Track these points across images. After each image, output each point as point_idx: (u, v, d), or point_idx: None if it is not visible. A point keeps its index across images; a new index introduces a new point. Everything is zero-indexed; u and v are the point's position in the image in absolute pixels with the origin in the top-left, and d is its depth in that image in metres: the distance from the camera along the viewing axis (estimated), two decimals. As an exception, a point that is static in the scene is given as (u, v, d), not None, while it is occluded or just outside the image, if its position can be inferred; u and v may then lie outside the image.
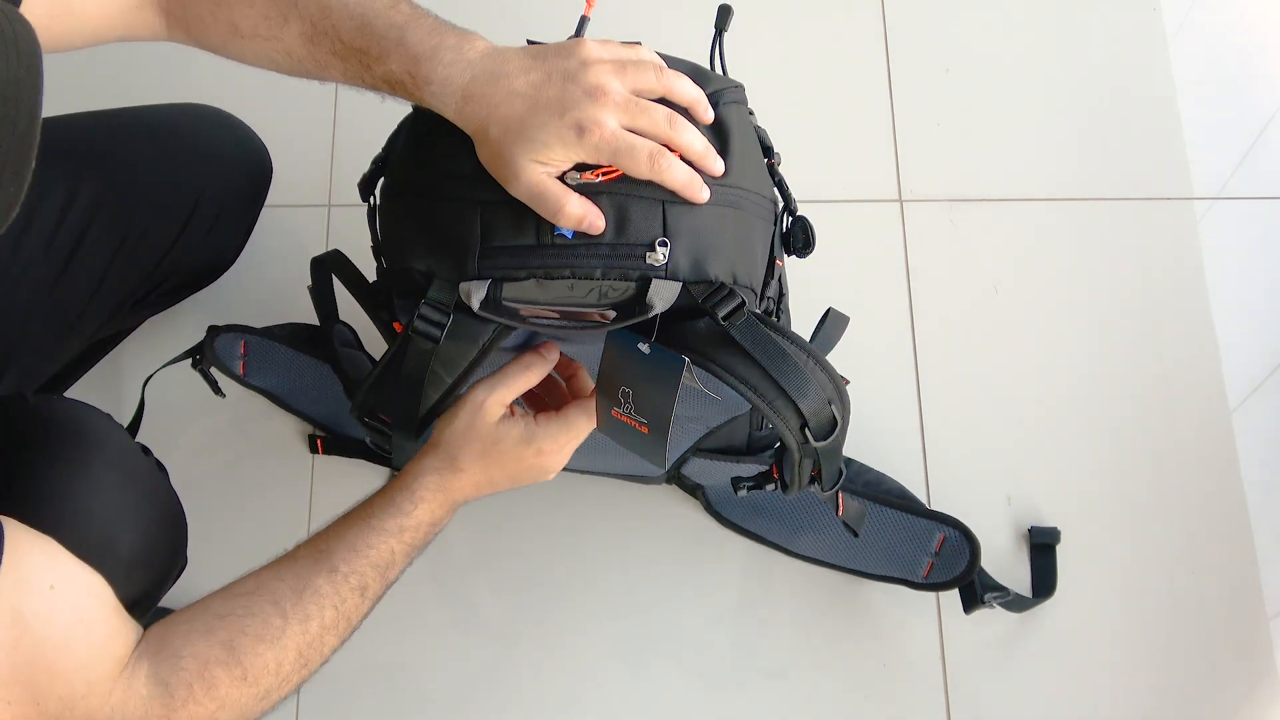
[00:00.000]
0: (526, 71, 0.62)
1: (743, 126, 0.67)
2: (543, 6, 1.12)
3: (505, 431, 0.69)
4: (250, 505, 1.04)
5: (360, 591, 0.66)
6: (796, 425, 0.65)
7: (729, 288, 0.63)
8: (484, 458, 0.70)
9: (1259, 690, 0.95)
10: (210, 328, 0.96)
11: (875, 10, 1.20)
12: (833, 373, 0.66)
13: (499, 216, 0.63)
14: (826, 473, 0.71)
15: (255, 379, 1.00)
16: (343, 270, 0.78)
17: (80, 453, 0.66)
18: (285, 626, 0.63)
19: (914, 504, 0.94)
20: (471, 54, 0.63)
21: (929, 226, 1.12)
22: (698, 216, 0.63)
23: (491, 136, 0.61)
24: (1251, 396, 1.03)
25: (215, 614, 0.63)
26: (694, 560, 1.00)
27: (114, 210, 0.85)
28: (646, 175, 0.61)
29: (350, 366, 0.87)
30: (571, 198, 0.61)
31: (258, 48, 0.67)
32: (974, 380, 1.06)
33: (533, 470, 0.72)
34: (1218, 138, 1.14)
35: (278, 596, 0.64)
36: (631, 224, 0.62)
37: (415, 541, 0.69)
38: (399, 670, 0.98)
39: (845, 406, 0.66)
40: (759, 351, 0.63)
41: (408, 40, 0.62)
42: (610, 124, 0.60)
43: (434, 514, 0.70)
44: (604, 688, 0.97)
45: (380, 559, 0.67)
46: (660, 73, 0.63)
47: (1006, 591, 0.91)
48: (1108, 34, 1.19)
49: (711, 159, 0.63)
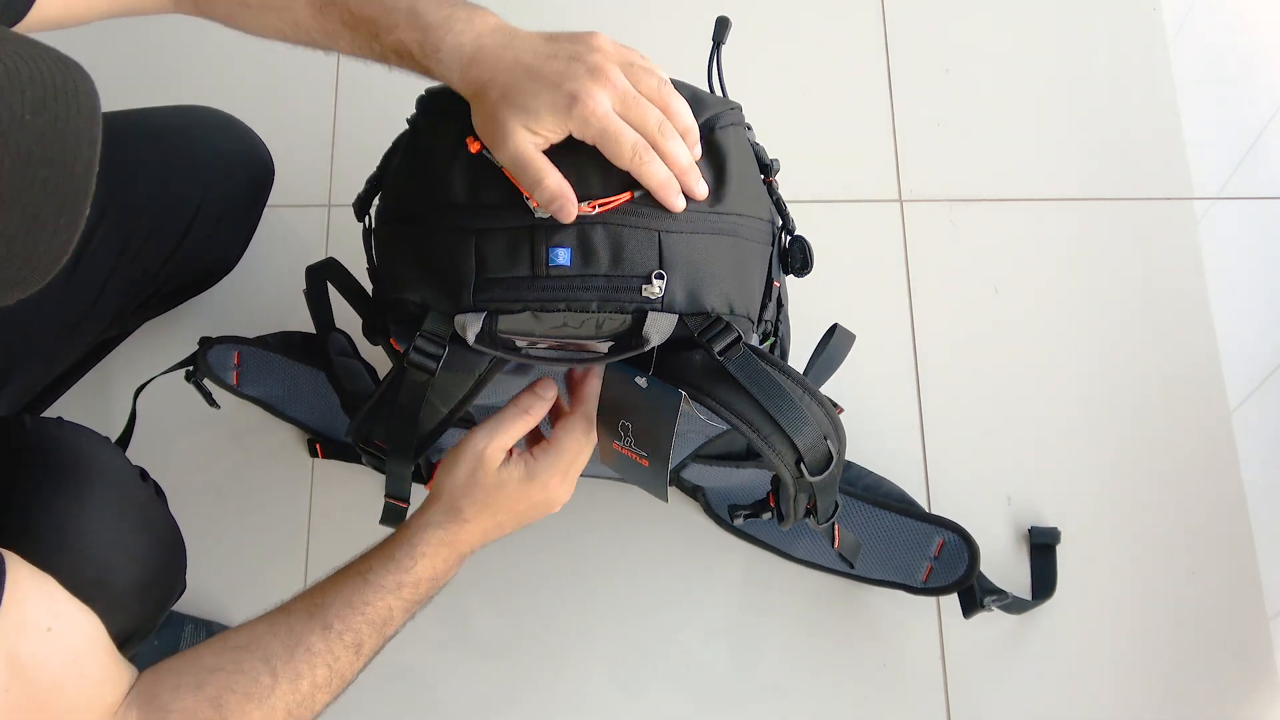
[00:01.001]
0: (535, 46, 0.62)
1: (740, 149, 0.67)
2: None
3: (506, 476, 0.68)
4: (250, 512, 1.04)
5: (355, 649, 0.65)
6: (792, 460, 0.64)
7: (725, 321, 0.63)
8: (488, 506, 0.69)
9: (1259, 690, 0.96)
10: (202, 339, 0.95)
11: (875, 10, 1.20)
12: (828, 407, 0.66)
13: (494, 247, 0.63)
14: (822, 506, 0.71)
15: (249, 389, 0.99)
16: (338, 278, 0.78)
17: (78, 484, 0.66)
18: (275, 685, 0.61)
19: (913, 508, 0.94)
20: (482, 26, 0.63)
21: (929, 226, 1.12)
22: (694, 247, 0.63)
23: (488, 98, 0.61)
24: (1251, 397, 1.03)
25: (206, 668, 0.62)
26: (694, 563, 1.00)
27: (117, 217, 0.85)
28: (626, 165, 0.61)
29: (346, 376, 0.86)
30: (552, 173, 0.60)
31: (265, 18, 0.67)
32: (974, 380, 1.06)
33: (538, 507, 0.71)
34: (1218, 138, 1.13)
35: (269, 653, 0.62)
36: (627, 255, 0.62)
37: (415, 597, 0.68)
38: (391, 685, 0.97)
39: (841, 441, 0.66)
40: (754, 387, 0.63)
41: (419, 9, 0.63)
42: (604, 102, 0.60)
43: (435, 569, 0.68)
44: (605, 693, 0.97)
45: (377, 616, 0.66)
46: (663, 86, 0.63)
47: (1005, 595, 0.91)
48: (1108, 34, 1.19)
49: (694, 178, 0.63)
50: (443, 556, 0.68)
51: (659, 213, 0.63)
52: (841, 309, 1.07)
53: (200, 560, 0.81)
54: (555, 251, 0.62)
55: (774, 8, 1.20)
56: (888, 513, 0.94)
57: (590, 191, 0.62)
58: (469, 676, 0.98)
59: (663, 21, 1.20)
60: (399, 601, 0.66)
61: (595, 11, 1.20)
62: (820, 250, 0.71)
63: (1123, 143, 1.14)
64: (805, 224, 1.09)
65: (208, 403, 0.98)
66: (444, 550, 0.68)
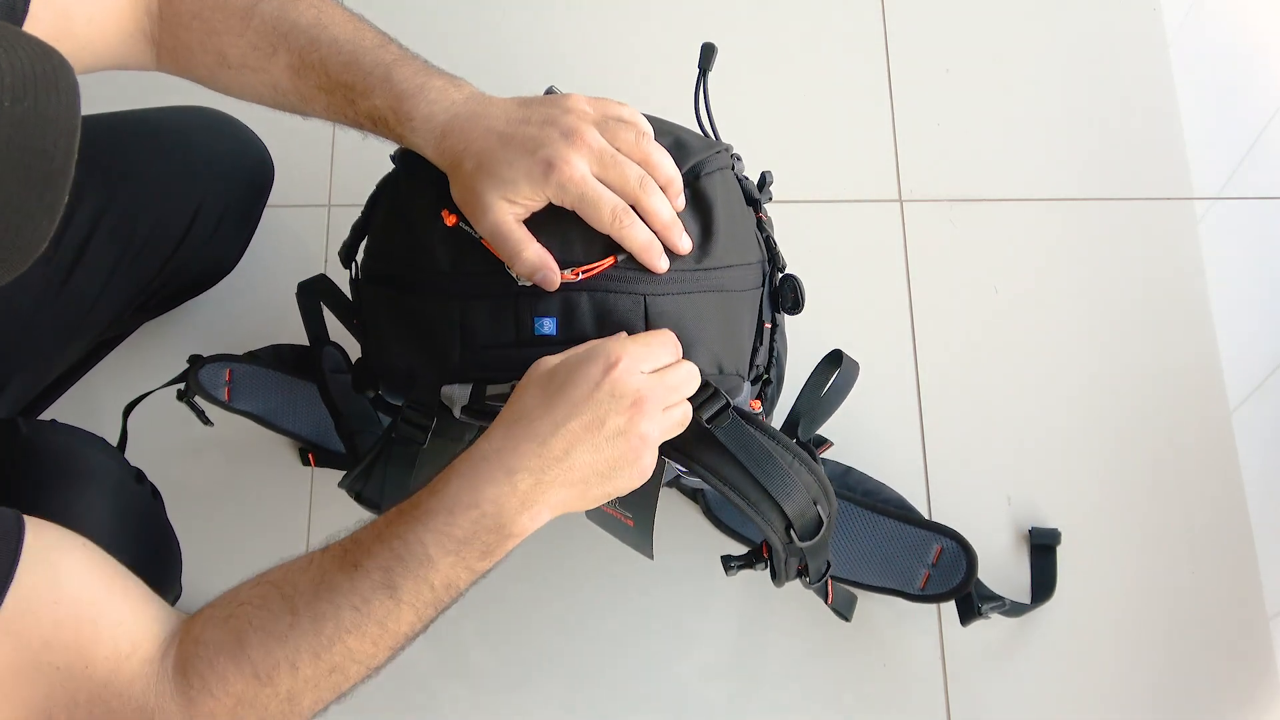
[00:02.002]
0: (508, 113, 0.62)
1: (727, 194, 0.67)
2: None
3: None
4: (250, 518, 1.03)
5: (388, 590, 0.55)
6: (782, 527, 0.64)
7: (713, 388, 0.62)
8: (548, 407, 0.57)
9: (1259, 690, 0.96)
10: (192, 358, 0.93)
11: (875, 10, 1.20)
12: (818, 472, 0.65)
13: (479, 315, 0.63)
14: (813, 568, 0.71)
15: (241, 403, 0.97)
16: (329, 296, 0.77)
17: (70, 486, 0.66)
18: (295, 623, 0.56)
19: (912, 514, 0.94)
20: (456, 95, 0.63)
21: (929, 226, 1.12)
22: (680, 309, 0.63)
23: (464, 170, 0.61)
24: (1251, 396, 1.03)
25: (238, 599, 0.58)
26: (693, 567, 1.00)
27: (116, 220, 0.85)
28: (606, 229, 0.60)
29: (338, 394, 0.86)
30: (531, 246, 0.60)
31: (245, 79, 0.67)
32: (974, 380, 1.06)
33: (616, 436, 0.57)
34: (1218, 138, 1.13)
35: (295, 589, 0.57)
36: (613, 322, 0.62)
37: (453, 531, 0.55)
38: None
39: (831, 505, 0.66)
40: (743, 454, 0.62)
41: (394, 77, 0.63)
42: (580, 167, 0.59)
43: (477, 492, 0.56)
44: (607, 699, 0.97)
45: (408, 552, 0.55)
46: (641, 138, 0.62)
47: (1003, 602, 0.91)
48: (1108, 34, 1.18)
49: (676, 233, 0.62)
50: (485, 476, 0.56)
51: (644, 275, 0.62)
52: (841, 309, 1.07)
53: (202, 567, 0.80)
54: (540, 321, 0.62)
55: (774, 8, 1.20)
56: (886, 519, 0.93)
57: (573, 257, 0.62)
58: (460, 703, 0.98)
59: (661, 33, 1.20)
60: (431, 535, 0.55)
61: (590, 38, 1.20)
62: (820, 250, 0.71)
63: (1123, 143, 1.14)
64: (805, 224, 1.10)
65: (201, 421, 0.97)
66: (484, 467, 0.56)
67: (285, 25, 0.65)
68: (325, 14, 0.66)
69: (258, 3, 0.65)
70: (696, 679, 0.97)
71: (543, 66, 1.18)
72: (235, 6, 0.65)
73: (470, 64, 0.71)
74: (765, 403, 0.74)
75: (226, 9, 0.66)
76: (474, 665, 0.98)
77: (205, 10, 0.66)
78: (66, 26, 0.64)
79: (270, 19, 0.65)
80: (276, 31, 0.65)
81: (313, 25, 0.65)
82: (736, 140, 0.73)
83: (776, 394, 0.76)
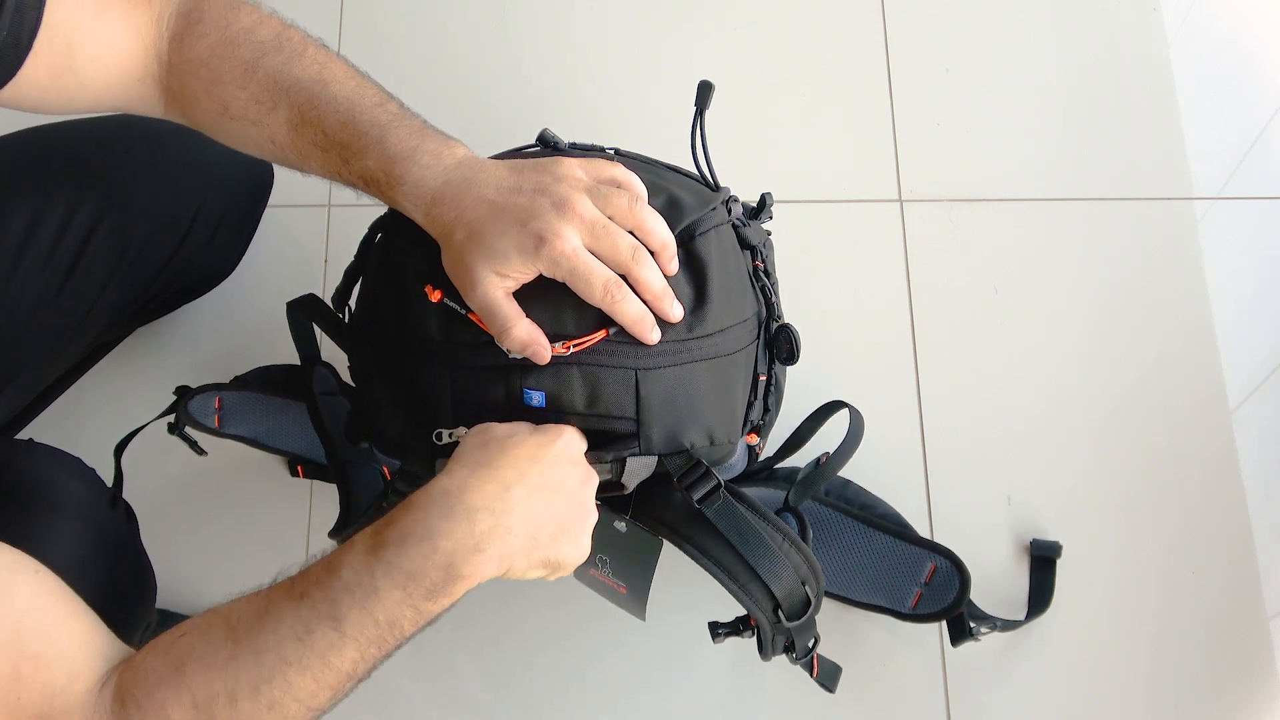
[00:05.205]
0: (499, 181, 0.61)
1: (722, 252, 0.66)
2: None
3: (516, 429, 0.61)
4: (249, 533, 1.03)
5: (333, 623, 0.54)
6: (769, 607, 0.65)
7: (704, 468, 0.62)
8: (492, 461, 0.58)
9: (1259, 690, 0.96)
10: (180, 389, 0.92)
11: (875, 10, 1.20)
12: (807, 552, 0.65)
13: (469, 385, 0.63)
14: (799, 645, 0.71)
15: (232, 428, 0.97)
16: (319, 315, 0.77)
17: (42, 513, 0.65)
18: (236, 653, 0.54)
19: (907, 531, 0.93)
20: (449, 159, 0.62)
21: (929, 226, 1.12)
22: (672, 382, 0.63)
23: (455, 241, 0.60)
24: (1251, 396, 1.03)
25: (180, 630, 0.57)
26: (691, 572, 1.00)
27: (114, 224, 0.85)
28: (598, 303, 0.60)
29: (329, 417, 0.85)
30: (520, 322, 0.60)
31: (244, 130, 0.66)
32: (974, 380, 1.06)
33: (560, 491, 0.59)
34: (1218, 138, 1.13)
35: (237, 619, 0.56)
36: (603, 397, 0.62)
37: (398, 564, 0.55)
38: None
39: (819, 584, 0.66)
40: (733, 534, 0.62)
41: (388, 139, 0.62)
42: (572, 240, 0.59)
43: (419, 524, 0.56)
44: (608, 706, 0.97)
45: (354, 581, 0.54)
46: (635, 204, 0.61)
47: (994, 622, 0.91)
48: (1108, 34, 1.18)
49: (668, 302, 0.62)
50: (443, 511, 0.56)
51: (636, 349, 0.62)
52: (841, 309, 1.07)
53: (199, 583, 0.79)
54: (529, 394, 0.62)
55: (774, 8, 1.20)
56: (881, 534, 0.92)
57: (565, 330, 0.62)
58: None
59: (662, 33, 1.20)
60: (380, 565, 0.54)
61: (591, 40, 1.20)
62: (820, 250, 0.71)
63: (1123, 143, 1.14)
64: (805, 224, 1.10)
65: (194, 451, 0.96)
66: (444, 502, 0.56)
67: (288, 80, 0.64)
68: (328, 70, 0.65)
69: (263, 56, 0.65)
70: (692, 691, 0.97)
71: (544, 76, 1.18)
72: (241, 58, 0.65)
73: (466, 100, 0.70)
74: (761, 431, 0.73)
75: (233, 60, 0.65)
76: (471, 699, 0.98)
77: (213, 59, 0.65)
78: (69, 63, 0.63)
79: (273, 73, 0.64)
80: (279, 86, 0.64)
81: (314, 81, 0.64)
82: (736, 141, 0.73)
83: (773, 420, 0.75)
